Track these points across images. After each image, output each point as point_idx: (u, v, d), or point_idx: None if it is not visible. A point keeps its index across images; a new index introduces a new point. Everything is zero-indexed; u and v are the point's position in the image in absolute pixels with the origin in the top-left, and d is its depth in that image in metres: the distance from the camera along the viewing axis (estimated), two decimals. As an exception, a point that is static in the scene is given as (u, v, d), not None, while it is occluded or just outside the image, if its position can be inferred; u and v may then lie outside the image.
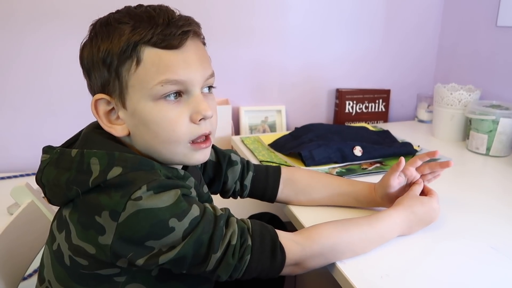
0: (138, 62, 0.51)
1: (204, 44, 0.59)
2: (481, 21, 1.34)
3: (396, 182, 0.72)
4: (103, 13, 0.55)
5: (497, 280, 0.58)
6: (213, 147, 0.76)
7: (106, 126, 0.55)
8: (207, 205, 0.56)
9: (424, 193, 0.72)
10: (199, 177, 0.67)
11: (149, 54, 0.51)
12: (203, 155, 0.58)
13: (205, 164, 0.74)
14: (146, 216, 0.49)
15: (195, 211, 0.52)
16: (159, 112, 0.53)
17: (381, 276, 0.58)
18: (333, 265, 0.61)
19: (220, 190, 0.76)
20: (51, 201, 0.56)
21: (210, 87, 0.59)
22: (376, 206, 0.76)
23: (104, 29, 0.52)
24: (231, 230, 0.54)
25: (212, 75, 0.57)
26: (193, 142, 0.56)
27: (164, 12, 0.53)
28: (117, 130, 0.55)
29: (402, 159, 0.71)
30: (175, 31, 0.51)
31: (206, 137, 0.57)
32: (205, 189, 0.67)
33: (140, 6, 0.55)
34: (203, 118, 0.55)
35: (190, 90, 0.54)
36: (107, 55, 0.51)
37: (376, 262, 0.61)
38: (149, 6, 0.54)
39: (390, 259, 0.62)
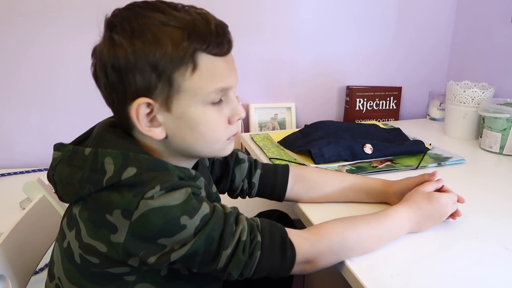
0: (194, 69, 0.52)
1: None
2: (496, 17, 1.32)
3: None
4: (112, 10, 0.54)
5: (510, 280, 0.57)
6: None
7: (144, 129, 0.54)
8: (216, 204, 0.56)
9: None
10: (208, 177, 0.67)
11: (205, 61, 0.52)
12: (231, 147, 0.62)
13: (212, 163, 0.74)
14: (158, 214, 0.49)
15: (205, 208, 0.53)
16: (209, 115, 0.55)
17: (392, 276, 0.57)
18: (342, 264, 0.60)
19: (228, 189, 0.76)
20: (62, 199, 0.56)
21: None
22: (385, 201, 0.76)
23: (146, 30, 0.50)
24: (240, 227, 0.55)
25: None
26: (228, 138, 0.60)
27: (208, 17, 0.54)
28: (157, 133, 0.54)
29: (436, 172, 0.73)
30: (224, 39, 0.54)
31: None
32: (214, 188, 0.68)
33: (173, 5, 0.53)
34: (240, 119, 0.59)
35: (229, 94, 0.57)
36: (160, 60, 0.50)
37: (386, 261, 0.60)
38: (185, 7, 0.53)
39: (401, 258, 0.61)
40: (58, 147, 0.57)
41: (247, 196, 0.78)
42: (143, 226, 0.49)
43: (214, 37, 0.52)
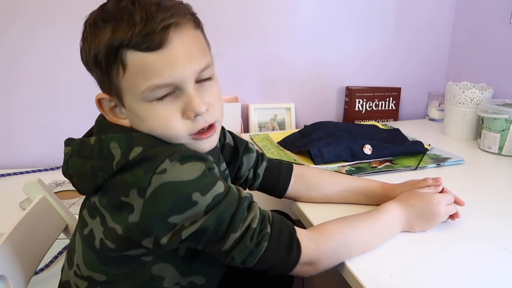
0: (124, 67, 0.50)
1: (197, 27, 0.54)
2: (495, 18, 1.32)
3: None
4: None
5: (509, 280, 0.57)
6: (230, 133, 0.76)
7: (112, 120, 0.57)
8: (232, 185, 0.56)
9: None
10: (217, 155, 0.67)
11: (132, 58, 0.49)
12: (208, 144, 0.56)
13: (222, 147, 0.74)
14: (170, 190, 0.49)
15: (219, 187, 0.52)
16: (153, 111, 0.52)
17: (391, 276, 0.57)
18: (342, 264, 0.60)
19: (234, 176, 0.76)
20: (80, 191, 0.57)
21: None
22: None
23: (92, 29, 0.51)
24: (252, 214, 0.54)
25: (207, 66, 0.53)
26: (194, 134, 0.54)
27: (142, 6, 0.49)
28: (123, 124, 0.56)
29: (440, 178, 0.71)
30: (154, 28, 0.48)
31: (210, 126, 0.55)
32: (223, 166, 0.67)
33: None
34: (197, 115, 0.53)
35: (182, 87, 0.52)
36: (96, 57, 0.50)
37: (385, 261, 0.61)
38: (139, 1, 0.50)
39: (400, 258, 0.61)
40: (68, 142, 0.58)
41: (248, 188, 0.78)
42: (155, 203, 0.49)
43: (139, 29, 0.47)
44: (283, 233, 0.56)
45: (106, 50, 0.49)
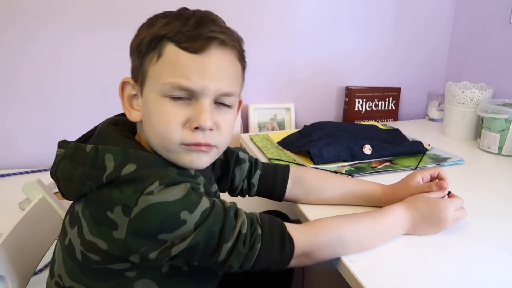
0: (159, 56, 0.53)
1: (240, 60, 0.58)
2: (494, 19, 1.32)
3: (419, 178, 0.73)
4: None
5: (509, 280, 0.57)
6: None
7: (125, 108, 0.58)
8: (215, 199, 0.57)
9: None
10: (209, 175, 0.68)
11: (170, 51, 0.52)
12: (198, 160, 0.56)
13: (213, 163, 0.74)
14: (157, 210, 0.49)
15: (205, 203, 0.53)
16: (161, 107, 0.53)
17: (391, 276, 0.57)
18: (341, 263, 0.60)
19: (228, 188, 0.77)
20: (64, 195, 0.57)
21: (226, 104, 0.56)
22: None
23: (151, 20, 0.56)
24: (240, 220, 0.55)
25: (231, 93, 0.55)
26: (187, 144, 0.54)
27: (200, 15, 0.54)
28: (132, 115, 0.58)
29: (444, 183, 0.71)
30: (201, 33, 0.52)
31: (206, 144, 0.55)
32: (214, 187, 0.68)
33: (194, 9, 0.56)
34: (199, 128, 0.53)
35: (199, 97, 0.53)
36: (140, 43, 0.54)
37: (385, 261, 0.61)
38: (199, 10, 0.55)
39: (400, 258, 0.61)
40: (62, 144, 0.58)
41: (246, 195, 0.79)
42: (142, 223, 0.50)
43: (188, 29, 0.52)
44: (274, 231, 0.57)
45: (151, 37, 0.53)
